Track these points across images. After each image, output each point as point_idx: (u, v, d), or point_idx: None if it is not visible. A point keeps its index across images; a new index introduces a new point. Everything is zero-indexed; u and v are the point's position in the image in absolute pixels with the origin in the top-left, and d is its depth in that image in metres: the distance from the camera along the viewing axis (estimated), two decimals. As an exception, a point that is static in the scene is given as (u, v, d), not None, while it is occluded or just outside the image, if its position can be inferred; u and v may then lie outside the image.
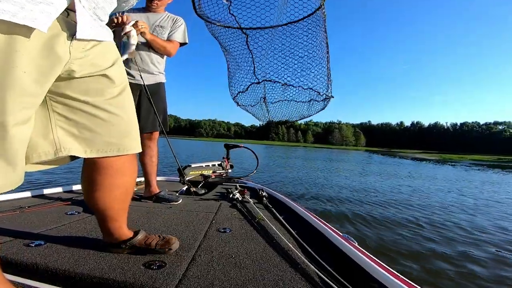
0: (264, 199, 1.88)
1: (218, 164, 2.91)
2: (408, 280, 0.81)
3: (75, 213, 1.46)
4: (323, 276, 0.85)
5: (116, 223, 0.92)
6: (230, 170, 3.06)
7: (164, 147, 2.25)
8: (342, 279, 0.84)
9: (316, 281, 0.85)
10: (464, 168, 18.61)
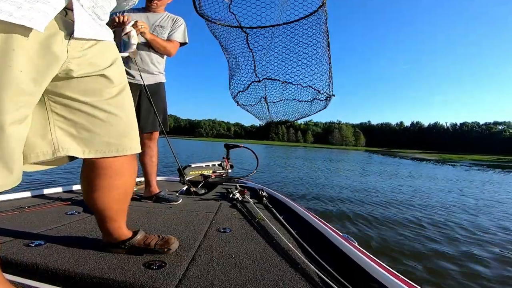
0: (264, 199, 1.88)
1: (218, 164, 2.91)
2: (408, 280, 0.81)
3: (75, 213, 1.46)
4: (323, 276, 0.85)
5: (116, 223, 0.92)
6: (230, 170, 3.06)
7: (164, 147, 2.25)
8: (342, 279, 0.84)
9: (316, 281, 0.85)
10: (464, 168, 18.61)
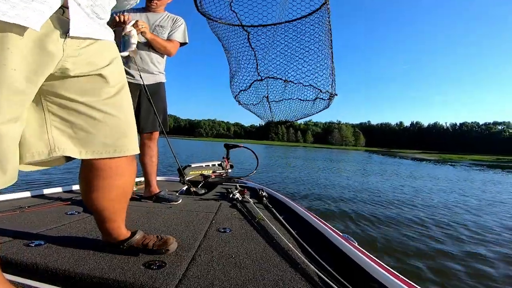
0: (264, 199, 1.88)
1: (218, 164, 2.91)
2: (408, 280, 0.81)
3: (75, 213, 1.46)
4: (323, 276, 0.85)
5: (114, 224, 0.92)
6: (230, 170, 3.06)
7: (164, 147, 2.24)
8: (342, 279, 0.84)
9: (316, 281, 0.84)
10: (464, 168, 18.62)
